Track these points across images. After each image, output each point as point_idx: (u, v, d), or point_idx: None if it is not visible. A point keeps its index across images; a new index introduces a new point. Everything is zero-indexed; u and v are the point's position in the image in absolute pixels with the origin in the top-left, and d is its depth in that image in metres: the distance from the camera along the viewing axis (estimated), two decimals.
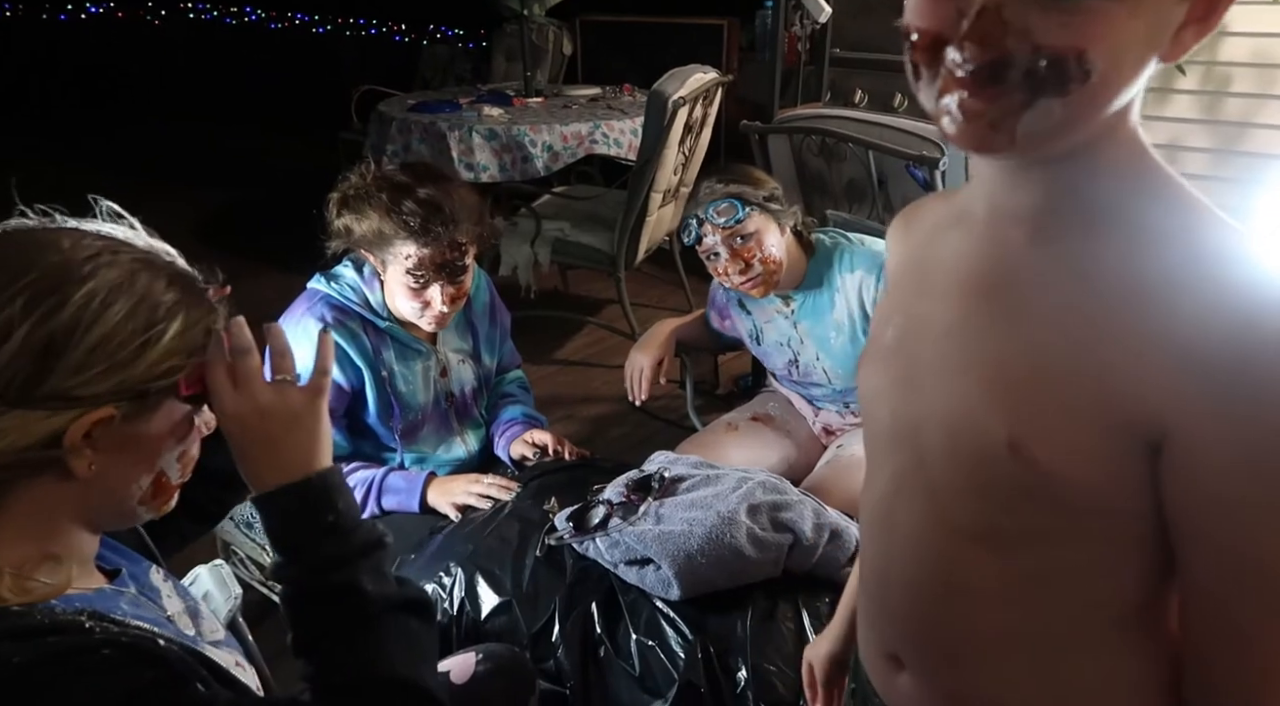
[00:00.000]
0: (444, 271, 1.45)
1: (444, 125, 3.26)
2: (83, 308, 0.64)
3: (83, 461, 0.66)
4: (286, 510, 0.74)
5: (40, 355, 0.63)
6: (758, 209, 1.60)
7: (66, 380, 0.64)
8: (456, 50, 5.23)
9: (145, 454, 0.71)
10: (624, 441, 2.69)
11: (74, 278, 0.65)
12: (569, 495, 1.44)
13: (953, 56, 0.52)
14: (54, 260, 0.65)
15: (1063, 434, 0.55)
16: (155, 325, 0.67)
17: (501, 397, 1.78)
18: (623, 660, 1.17)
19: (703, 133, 3.10)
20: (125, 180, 5.19)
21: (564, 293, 3.73)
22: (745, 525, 1.24)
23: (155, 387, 0.68)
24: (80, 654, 0.61)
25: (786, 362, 1.80)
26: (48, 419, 0.63)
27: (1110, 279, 0.55)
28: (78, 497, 0.68)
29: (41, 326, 0.63)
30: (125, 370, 0.66)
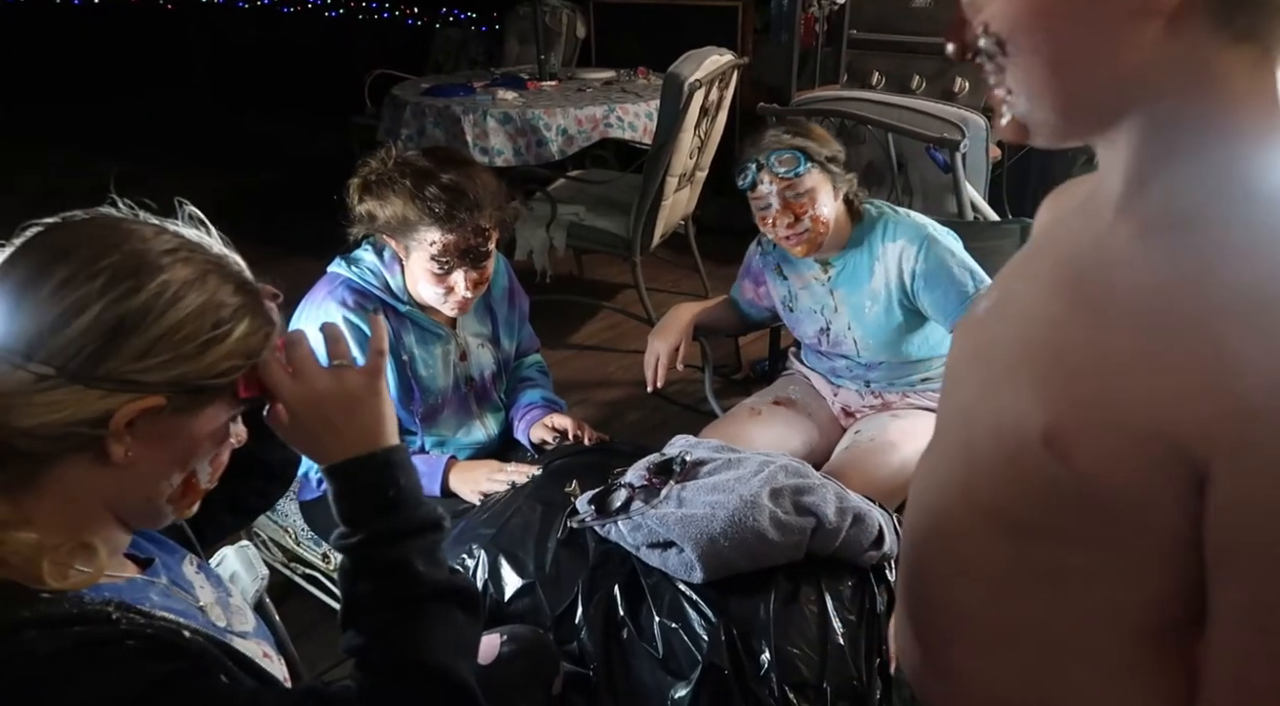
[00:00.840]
0: (468, 257, 1.45)
1: (458, 109, 3.25)
2: (156, 296, 0.67)
3: (121, 447, 0.67)
4: (350, 482, 0.76)
5: (108, 335, 0.65)
6: (818, 167, 1.60)
7: (128, 363, 0.65)
8: (469, 34, 5.21)
9: (182, 451, 0.72)
10: (641, 425, 2.70)
11: (152, 267, 0.67)
12: (590, 478, 1.44)
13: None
14: (136, 248, 0.68)
15: (1101, 436, 0.53)
16: (221, 325, 0.70)
17: (520, 381, 1.79)
18: (646, 642, 1.18)
19: (718, 116, 3.08)
20: (137, 163, 5.20)
21: (579, 277, 3.73)
22: (768, 508, 1.24)
23: (210, 386, 0.70)
24: (103, 645, 0.62)
25: (817, 331, 1.80)
26: (102, 398, 0.65)
27: (1186, 292, 0.51)
28: (110, 485, 0.70)
29: (115, 307, 0.65)
30: (186, 363, 0.68)
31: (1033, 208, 0.77)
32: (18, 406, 0.64)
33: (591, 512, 1.35)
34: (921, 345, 1.74)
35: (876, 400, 1.80)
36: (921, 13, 3.12)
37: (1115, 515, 0.54)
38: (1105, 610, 0.59)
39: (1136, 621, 0.58)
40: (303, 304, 1.52)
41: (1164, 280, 0.52)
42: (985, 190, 2.27)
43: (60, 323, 0.64)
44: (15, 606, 0.62)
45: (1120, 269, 0.55)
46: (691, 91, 2.68)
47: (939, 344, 1.75)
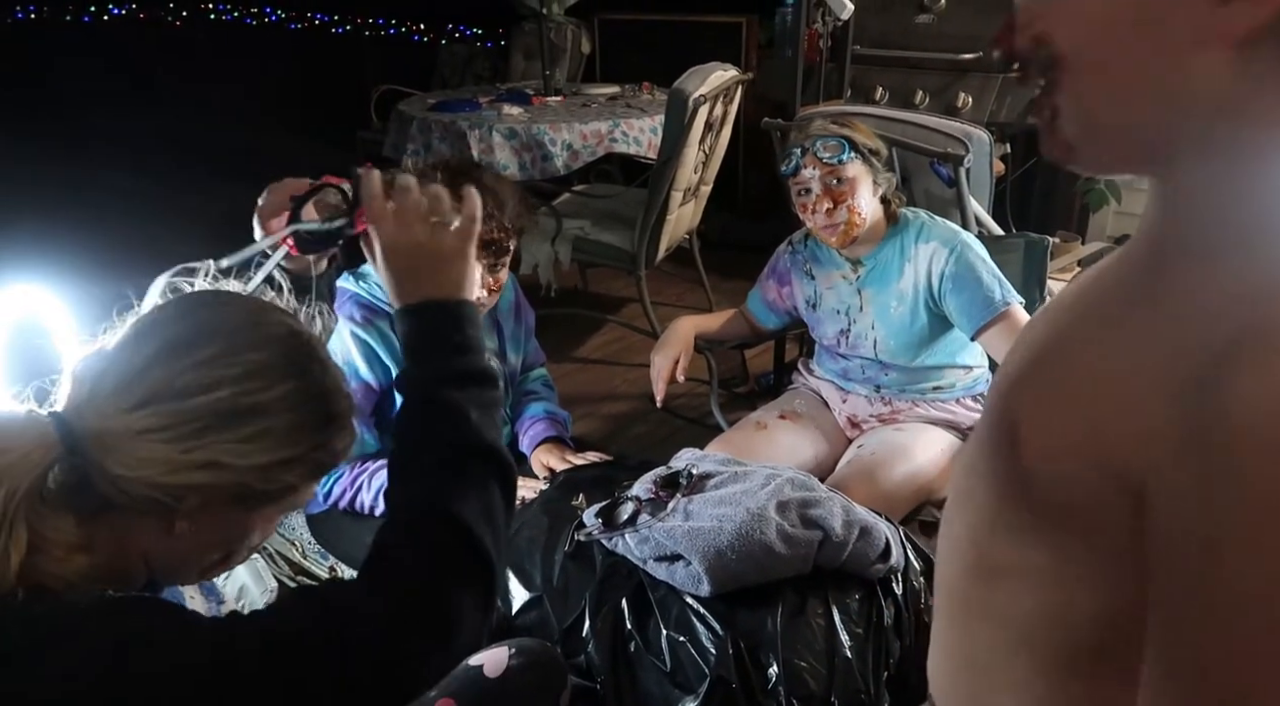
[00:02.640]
0: (489, 250, 1.46)
1: (464, 124, 3.28)
2: (278, 401, 0.71)
3: (185, 522, 0.71)
4: (422, 322, 0.80)
5: (224, 419, 0.69)
6: (861, 158, 1.64)
7: (225, 447, 0.69)
8: (475, 49, 5.25)
9: (232, 538, 0.76)
10: (646, 440, 2.70)
11: (281, 374, 0.72)
12: (597, 491, 1.45)
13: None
14: (274, 351, 0.73)
15: (1051, 439, 0.53)
16: (312, 438, 0.74)
17: (526, 395, 1.80)
18: (653, 655, 1.18)
19: (723, 131, 3.10)
20: (146, 179, 5.24)
21: (584, 291, 3.74)
22: (775, 521, 1.24)
23: (278, 491, 0.73)
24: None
25: (837, 332, 1.81)
26: (188, 471, 0.68)
27: (1175, 339, 0.48)
28: (159, 546, 0.74)
29: (241, 398, 0.70)
30: (271, 466, 0.71)
31: (1036, 222, 0.77)
32: (115, 449, 0.68)
33: (599, 525, 1.35)
34: (939, 353, 1.75)
35: (885, 407, 1.81)
36: (925, 29, 3.14)
37: (1064, 522, 0.54)
38: (1052, 616, 0.58)
39: (1086, 632, 0.57)
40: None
41: (1149, 303, 0.52)
42: (989, 205, 2.28)
43: (188, 392, 0.68)
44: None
45: (1121, 290, 0.56)
46: (696, 107, 2.70)
47: (955, 354, 1.76)
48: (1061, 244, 2.89)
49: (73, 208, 1.65)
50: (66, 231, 0.80)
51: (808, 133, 1.66)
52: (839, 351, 1.84)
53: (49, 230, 0.80)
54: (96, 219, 0.85)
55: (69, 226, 0.79)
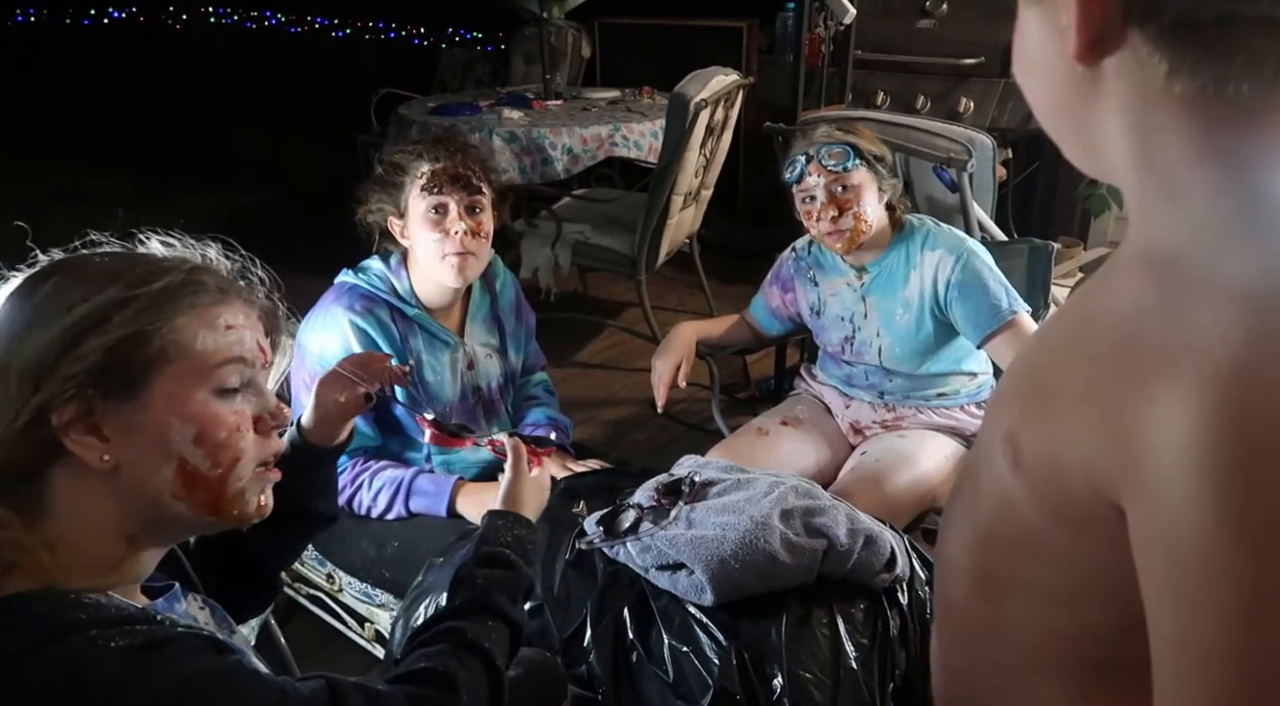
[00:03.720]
0: (457, 183, 1.48)
1: (464, 128, 3.26)
2: (50, 297, 0.70)
3: (93, 452, 0.68)
4: (505, 520, 1.03)
5: (15, 336, 0.68)
6: (866, 165, 1.63)
7: (22, 352, 0.68)
8: (475, 53, 5.25)
9: (157, 439, 0.71)
10: (646, 445, 2.68)
11: (67, 279, 0.71)
12: (598, 499, 1.43)
13: None
14: (63, 268, 0.73)
15: (1044, 461, 0.52)
16: (105, 289, 0.70)
17: (527, 399, 1.79)
18: (656, 666, 1.16)
19: (724, 135, 3.09)
20: (145, 182, 5.23)
21: (584, 295, 3.73)
22: (779, 530, 1.23)
23: (126, 362, 0.69)
24: (171, 641, 0.65)
25: (842, 339, 1.80)
26: (20, 393, 0.67)
27: (1135, 328, 0.48)
28: (111, 499, 0.70)
29: (16, 313, 0.69)
30: (79, 333, 0.68)
31: (1038, 227, 0.76)
32: None
33: (599, 533, 1.33)
34: (944, 360, 1.74)
35: (889, 413, 1.80)
36: (926, 34, 3.14)
37: (1060, 536, 0.53)
38: (1055, 630, 0.58)
39: (1088, 647, 0.57)
40: (311, 313, 1.54)
41: (1123, 316, 0.51)
42: (992, 210, 2.27)
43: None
44: (68, 608, 0.64)
45: (1101, 301, 0.55)
46: (697, 111, 2.69)
47: (960, 361, 1.75)
48: (1064, 249, 2.88)
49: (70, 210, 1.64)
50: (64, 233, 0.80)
51: (812, 140, 1.65)
52: (843, 358, 1.83)
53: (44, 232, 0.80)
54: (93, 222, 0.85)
55: (66, 228, 0.78)
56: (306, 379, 1.50)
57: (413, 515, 1.53)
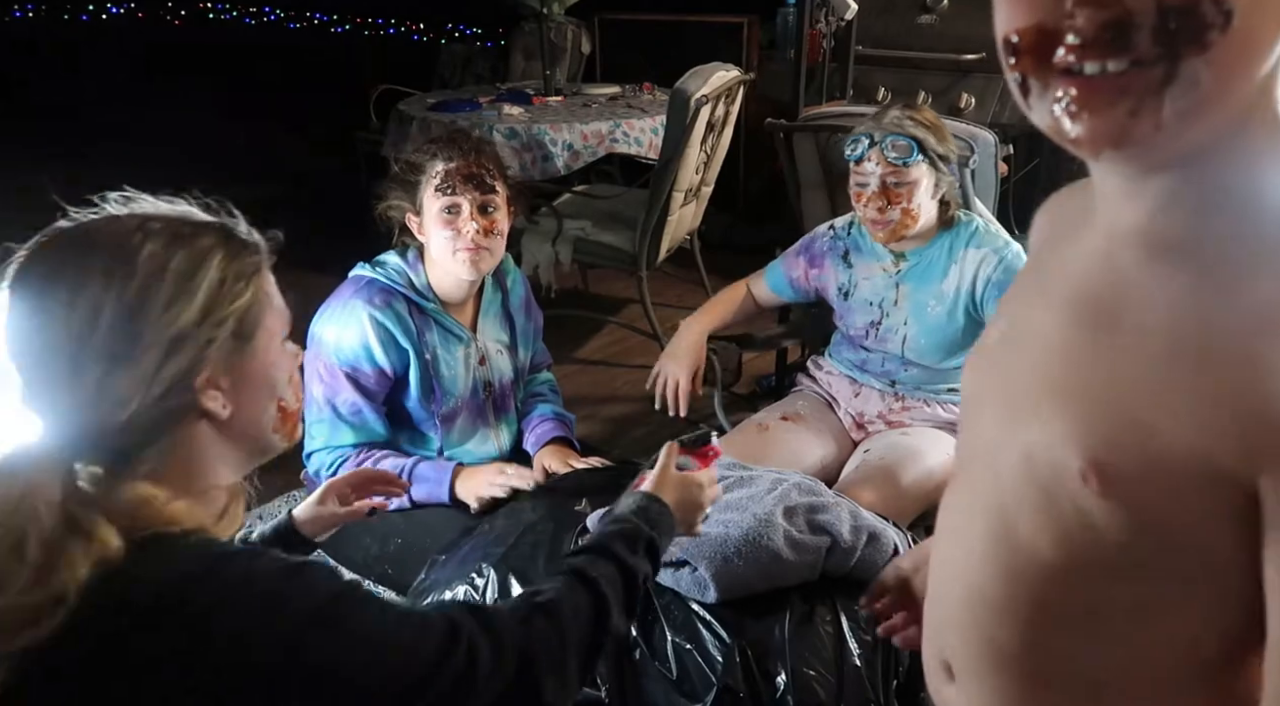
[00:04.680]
0: (470, 182, 1.49)
1: (464, 124, 3.26)
2: (150, 268, 0.73)
3: (217, 402, 0.76)
4: (656, 504, 1.03)
5: (131, 317, 0.71)
6: (928, 162, 1.60)
7: (164, 331, 0.72)
8: (475, 49, 5.24)
9: (264, 382, 0.81)
10: (647, 441, 2.68)
11: (132, 248, 0.73)
12: (601, 496, 1.43)
13: (1068, 40, 0.47)
14: (111, 241, 0.74)
15: (1140, 469, 0.51)
16: (211, 262, 0.76)
17: (532, 396, 1.81)
18: (659, 663, 1.16)
19: (724, 131, 3.08)
20: (143, 177, 5.20)
21: (584, 292, 3.72)
22: (782, 527, 1.23)
23: (238, 312, 0.77)
24: (309, 564, 0.75)
25: (868, 323, 1.78)
26: (163, 367, 0.72)
27: (1236, 323, 0.48)
28: (227, 439, 0.79)
29: (125, 293, 0.71)
30: (212, 307, 0.75)
31: None
32: (101, 409, 0.70)
33: None
34: (964, 357, 1.73)
35: (896, 403, 1.79)
36: (927, 29, 3.13)
37: (1162, 547, 0.53)
38: (1155, 640, 0.57)
39: (1186, 653, 0.56)
40: (327, 305, 1.55)
41: (1213, 308, 0.50)
42: (994, 206, 2.27)
43: (86, 330, 0.70)
44: (216, 542, 0.74)
45: (1151, 303, 0.53)
46: (698, 107, 2.69)
47: None
48: None
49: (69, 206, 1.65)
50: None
51: (881, 123, 1.60)
52: (864, 343, 1.81)
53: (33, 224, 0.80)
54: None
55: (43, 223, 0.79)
56: (321, 369, 1.51)
57: (414, 505, 1.53)
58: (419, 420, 1.60)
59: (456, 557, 1.40)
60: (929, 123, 1.61)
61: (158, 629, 0.66)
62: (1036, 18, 0.48)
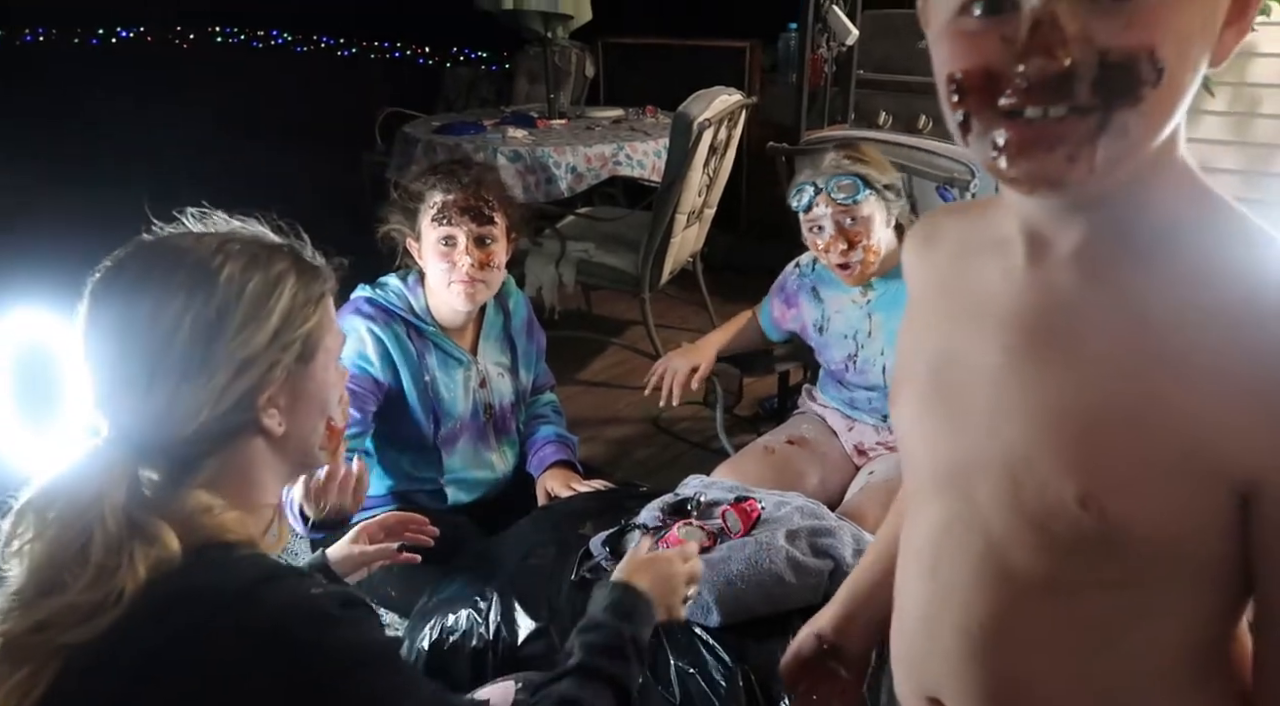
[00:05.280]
0: (466, 214, 1.50)
1: (469, 146, 3.29)
2: (229, 289, 0.76)
3: (274, 420, 0.79)
4: (634, 598, 0.99)
5: (208, 335, 0.74)
6: (876, 195, 1.61)
7: (237, 350, 0.75)
8: (479, 73, 5.28)
9: (318, 401, 0.84)
10: (649, 463, 2.68)
11: (213, 268, 0.76)
12: (603, 520, 1.43)
13: (1015, 84, 0.48)
14: (192, 258, 0.77)
15: (1138, 487, 0.52)
16: (284, 286, 0.80)
17: (535, 418, 1.81)
18: (662, 687, 1.16)
19: (727, 154, 3.11)
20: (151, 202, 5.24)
21: (588, 313, 3.73)
22: (785, 550, 1.23)
23: (303, 336, 0.80)
24: (356, 603, 0.76)
25: (845, 357, 1.79)
26: (230, 386, 0.75)
27: (1176, 317, 0.51)
28: (278, 454, 0.82)
29: (203, 311, 0.74)
30: (281, 329, 0.78)
31: None
32: (170, 420, 0.74)
33: (605, 554, 1.33)
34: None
35: (891, 436, 1.79)
36: (928, 54, 3.15)
37: (1161, 556, 0.54)
38: (1159, 644, 0.58)
39: (1187, 650, 0.58)
40: None
41: (1153, 308, 0.52)
42: None
43: (165, 343, 0.73)
44: (267, 557, 0.75)
45: (1096, 316, 0.55)
46: (701, 130, 2.71)
47: None
48: None
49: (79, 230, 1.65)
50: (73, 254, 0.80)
51: (820, 169, 1.62)
52: (846, 377, 1.83)
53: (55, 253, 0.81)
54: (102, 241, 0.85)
55: (76, 249, 0.79)
56: None
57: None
58: (420, 443, 1.61)
59: (460, 581, 1.40)
60: (868, 159, 1.63)
61: (214, 636, 0.67)
62: (984, 61, 0.50)
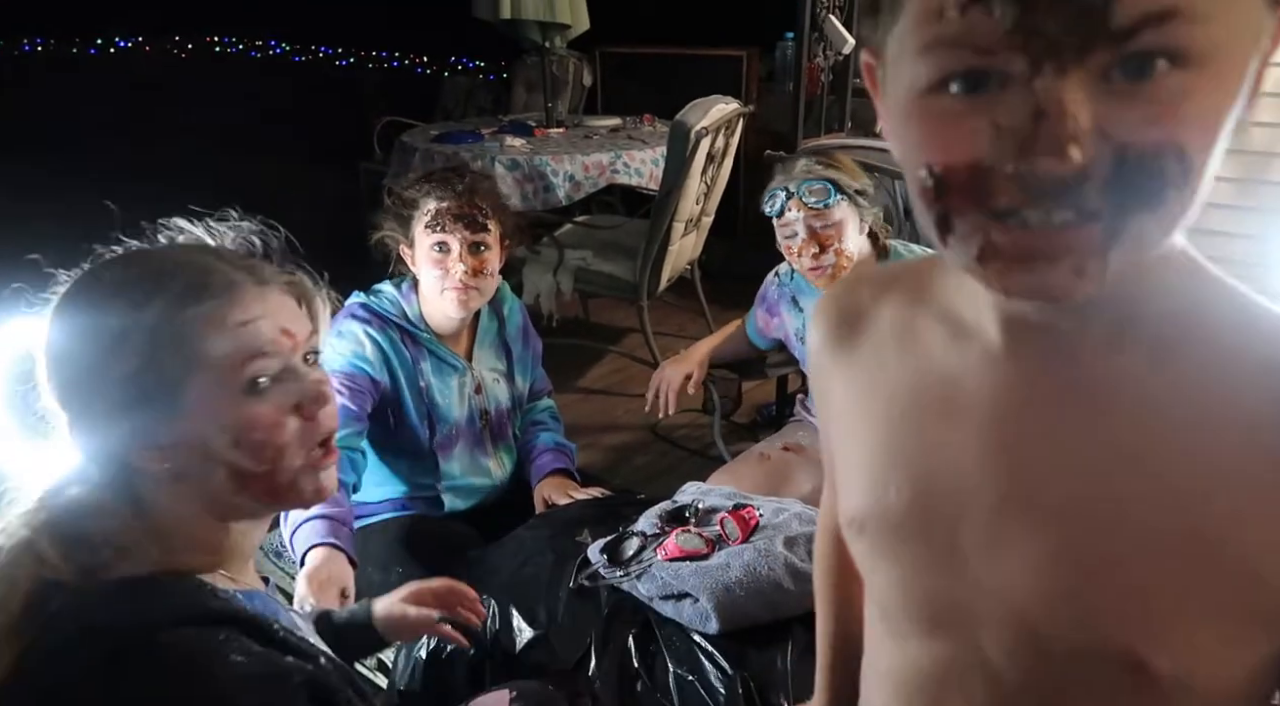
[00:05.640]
0: (461, 222, 1.49)
1: (467, 155, 3.29)
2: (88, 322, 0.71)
3: (153, 464, 0.71)
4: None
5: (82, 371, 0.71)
6: (848, 200, 1.61)
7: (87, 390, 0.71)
8: (477, 82, 5.30)
9: (199, 447, 0.72)
10: (646, 470, 2.68)
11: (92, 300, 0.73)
12: (601, 527, 1.43)
13: (1012, 184, 0.40)
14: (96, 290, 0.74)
15: (1186, 633, 0.46)
16: (135, 325, 0.72)
17: (533, 425, 1.81)
18: (661, 695, 1.15)
19: (724, 162, 3.11)
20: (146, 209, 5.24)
21: (585, 321, 3.74)
22: (784, 557, 1.23)
23: (154, 379, 0.70)
24: (285, 679, 0.69)
25: None
26: (93, 428, 0.71)
27: (1199, 417, 0.45)
28: (189, 494, 0.74)
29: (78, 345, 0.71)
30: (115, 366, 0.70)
31: None
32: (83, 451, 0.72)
33: (603, 562, 1.33)
34: None
35: None
36: None
37: (1216, 685, 0.49)
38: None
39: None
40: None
41: (1173, 413, 0.46)
42: None
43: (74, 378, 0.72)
44: (204, 596, 0.70)
45: (1108, 420, 0.48)
46: (698, 139, 2.72)
47: None
48: None
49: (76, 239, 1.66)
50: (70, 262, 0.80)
51: (791, 174, 1.63)
52: None
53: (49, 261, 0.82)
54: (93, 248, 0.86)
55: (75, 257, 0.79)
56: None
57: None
58: (417, 449, 1.61)
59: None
60: (840, 164, 1.64)
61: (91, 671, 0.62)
62: (971, 154, 0.40)
